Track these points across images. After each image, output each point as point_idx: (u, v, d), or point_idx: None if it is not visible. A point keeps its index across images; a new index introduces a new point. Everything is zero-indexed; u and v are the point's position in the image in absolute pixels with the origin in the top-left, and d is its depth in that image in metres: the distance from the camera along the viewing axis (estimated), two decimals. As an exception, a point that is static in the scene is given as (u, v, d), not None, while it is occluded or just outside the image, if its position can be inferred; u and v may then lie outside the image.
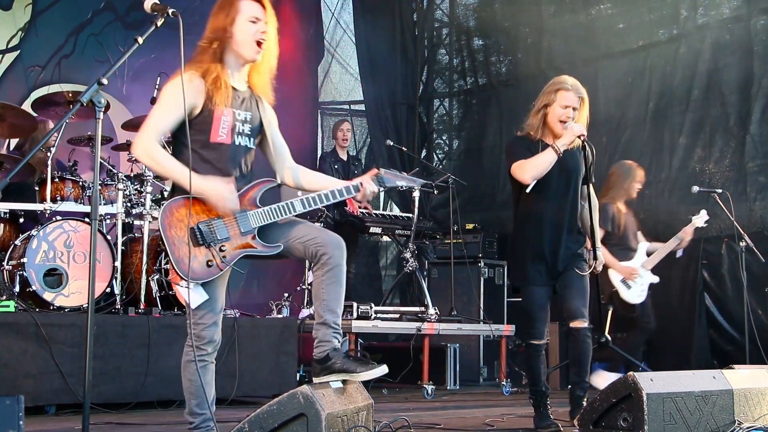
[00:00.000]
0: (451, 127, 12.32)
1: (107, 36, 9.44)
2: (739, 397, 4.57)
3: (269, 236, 3.91)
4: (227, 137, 3.89)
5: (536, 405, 5.27)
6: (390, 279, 11.75)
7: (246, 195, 3.92)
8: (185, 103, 3.71)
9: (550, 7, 10.79)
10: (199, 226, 3.76)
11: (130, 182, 7.00)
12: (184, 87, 3.70)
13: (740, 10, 9.09)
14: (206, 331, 3.90)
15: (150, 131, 3.78)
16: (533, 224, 5.15)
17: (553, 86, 5.12)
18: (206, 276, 3.77)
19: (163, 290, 6.74)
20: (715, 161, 9.06)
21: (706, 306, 8.89)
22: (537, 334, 5.21)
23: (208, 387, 3.95)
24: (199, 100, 3.80)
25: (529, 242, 5.17)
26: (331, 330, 3.89)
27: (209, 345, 3.92)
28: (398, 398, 7.51)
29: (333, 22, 12.38)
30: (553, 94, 5.09)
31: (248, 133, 3.98)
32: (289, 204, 3.92)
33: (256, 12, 3.91)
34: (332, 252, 3.85)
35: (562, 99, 5.06)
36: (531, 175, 4.99)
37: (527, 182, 5.00)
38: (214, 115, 3.84)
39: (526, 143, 5.13)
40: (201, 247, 3.76)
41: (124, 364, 5.97)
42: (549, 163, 4.98)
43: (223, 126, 3.86)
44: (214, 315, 3.91)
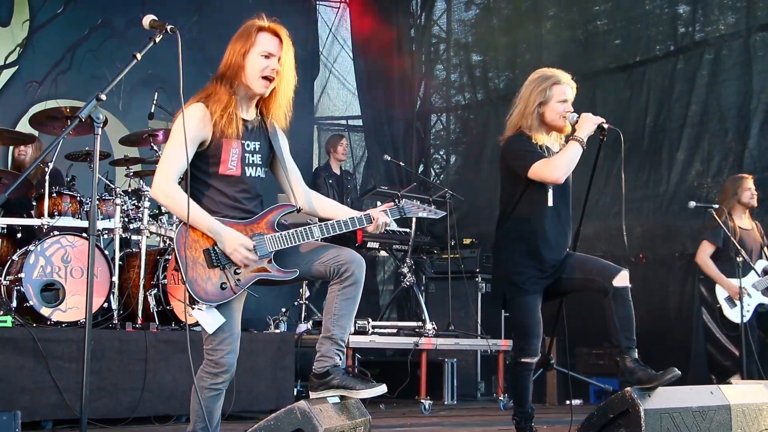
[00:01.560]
0: (448, 142, 12.35)
1: (104, 52, 9.47)
2: (737, 413, 4.56)
3: (285, 261, 3.90)
4: (237, 169, 3.87)
5: (521, 428, 4.95)
6: (387, 294, 11.74)
7: (264, 219, 3.91)
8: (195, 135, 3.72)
9: (547, 23, 10.84)
10: (214, 248, 3.76)
11: (128, 197, 7.01)
12: (194, 121, 3.71)
13: (738, 26, 9.14)
14: (225, 358, 3.83)
15: (166, 172, 3.73)
16: (532, 226, 4.85)
17: (544, 82, 4.85)
18: (220, 298, 3.75)
19: (161, 305, 6.73)
20: (713, 176, 9.09)
21: (704, 321, 8.89)
22: (532, 351, 4.87)
23: (217, 412, 3.94)
24: (207, 133, 3.79)
25: (527, 246, 4.84)
26: (336, 347, 3.88)
27: (226, 374, 3.86)
28: (396, 413, 7.50)
29: (330, 38, 12.43)
30: (548, 90, 4.82)
31: (259, 163, 3.96)
32: (307, 230, 3.89)
33: (270, 47, 3.91)
34: (354, 269, 3.85)
35: (559, 94, 4.83)
36: (563, 173, 4.72)
37: (560, 181, 4.73)
38: (223, 147, 3.82)
39: (529, 139, 4.85)
40: (215, 269, 3.75)
41: (121, 380, 5.96)
42: (577, 158, 4.74)
43: (232, 158, 3.84)
44: (232, 341, 3.85)
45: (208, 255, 3.75)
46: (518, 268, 4.86)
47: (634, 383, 4.40)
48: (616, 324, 4.62)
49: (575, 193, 5.04)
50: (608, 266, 4.76)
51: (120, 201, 6.80)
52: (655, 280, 9.21)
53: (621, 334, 4.62)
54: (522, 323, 4.89)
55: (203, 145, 3.80)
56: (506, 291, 4.88)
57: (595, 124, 4.76)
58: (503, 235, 4.97)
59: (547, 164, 4.72)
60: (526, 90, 4.93)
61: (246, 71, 3.87)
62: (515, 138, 4.91)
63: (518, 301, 4.86)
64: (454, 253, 9.23)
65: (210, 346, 3.83)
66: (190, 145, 3.71)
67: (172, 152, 3.72)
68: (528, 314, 4.85)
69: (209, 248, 3.75)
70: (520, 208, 4.89)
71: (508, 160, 4.91)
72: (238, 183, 3.88)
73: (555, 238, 4.89)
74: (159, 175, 3.74)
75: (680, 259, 9.12)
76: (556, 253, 4.88)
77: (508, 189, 4.96)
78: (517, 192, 4.88)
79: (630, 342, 4.60)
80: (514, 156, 4.87)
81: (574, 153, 4.72)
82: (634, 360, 4.55)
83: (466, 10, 12.06)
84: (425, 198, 8.77)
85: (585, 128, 4.75)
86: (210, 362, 3.85)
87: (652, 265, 9.29)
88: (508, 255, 4.92)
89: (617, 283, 4.64)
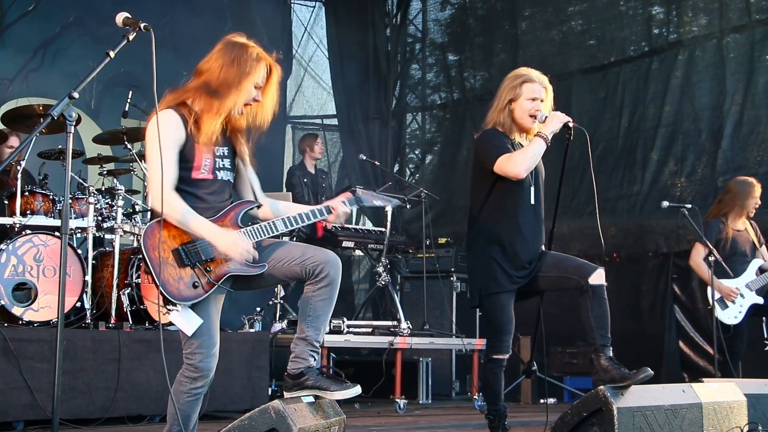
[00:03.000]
0: (423, 141, 12.37)
1: (76, 50, 9.38)
2: (708, 411, 4.59)
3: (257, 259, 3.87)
4: (209, 173, 3.86)
5: (495, 426, 4.93)
6: (362, 293, 11.74)
7: (227, 216, 3.90)
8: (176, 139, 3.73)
9: (522, 23, 10.88)
10: (183, 247, 3.74)
11: (101, 196, 6.97)
12: (169, 128, 3.70)
13: (711, 28, 9.22)
14: (204, 362, 3.80)
15: (157, 181, 3.66)
16: (504, 223, 4.84)
17: (515, 80, 4.88)
18: (193, 297, 3.72)
19: (134, 304, 6.69)
20: (687, 176, 9.17)
21: (677, 319, 8.98)
22: (504, 348, 4.86)
23: (194, 415, 3.93)
24: (182, 139, 3.78)
25: (502, 244, 4.82)
26: (310, 348, 3.87)
27: (205, 379, 3.83)
28: (370, 413, 7.50)
29: (305, 37, 12.40)
30: (518, 87, 4.84)
31: (228, 167, 3.97)
32: (271, 224, 3.90)
33: (261, 80, 3.91)
34: (329, 269, 3.83)
35: (529, 92, 4.83)
36: (525, 168, 4.70)
37: (521, 176, 4.72)
38: (196, 152, 3.81)
39: (503, 135, 4.87)
40: (186, 268, 3.72)
41: (94, 380, 5.92)
42: (540, 154, 4.75)
43: (205, 163, 3.83)
44: (211, 345, 3.82)
45: (177, 255, 3.72)
46: (492, 265, 4.84)
47: (608, 382, 4.42)
48: (591, 322, 4.64)
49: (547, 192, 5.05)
50: (584, 264, 4.77)
51: (93, 200, 6.75)
52: (629, 278, 9.28)
53: (596, 332, 4.63)
54: (494, 321, 4.88)
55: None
56: (480, 288, 4.87)
57: (561, 122, 4.77)
58: (477, 233, 4.95)
59: (510, 159, 4.73)
60: (500, 89, 4.96)
61: (238, 97, 3.84)
62: (488, 132, 4.93)
63: (492, 299, 4.85)
64: (429, 253, 9.24)
65: (189, 350, 3.80)
66: (172, 148, 3.72)
67: (155, 161, 3.65)
68: (501, 312, 4.84)
69: (178, 248, 3.73)
70: (496, 205, 4.88)
71: (480, 154, 4.92)
72: (210, 187, 3.88)
73: (531, 236, 4.89)
74: (152, 186, 3.71)
75: (654, 258, 9.19)
76: (532, 251, 4.88)
77: (480, 185, 4.95)
78: (488, 188, 4.88)
79: (605, 340, 4.62)
80: (483, 149, 4.89)
81: (536, 149, 4.74)
82: (609, 358, 4.57)
83: (442, 9, 12.07)
84: (400, 197, 8.77)
85: (550, 125, 4.76)
86: (189, 366, 3.81)
87: (625, 264, 9.36)
88: (482, 252, 4.91)
89: (593, 281, 4.65)
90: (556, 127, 4.77)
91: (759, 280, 7.27)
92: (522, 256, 4.84)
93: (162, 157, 3.62)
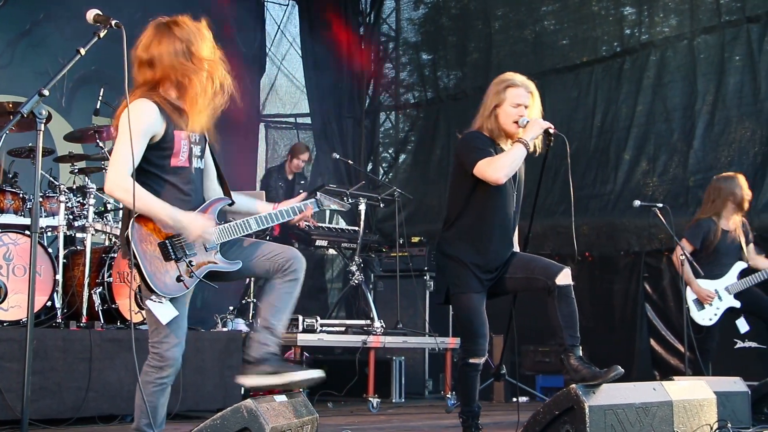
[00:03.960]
0: (397, 140, 12.38)
1: (47, 47, 9.30)
2: (679, 409, 4.63)
3: (228, 254, 3.97)
4: (186, 161, 3.89)
5: (468, 426, 4.93)
6: (336, 292, 11.73)
7: (206, 212, 3.95)
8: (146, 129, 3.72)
9: (496, 22, 10.92)
10: (170, 241, 3.79)
11: (73, 194, 6.92)
12: (147, 115, 3.71)
13: (682, 29, 9.30)
14: (170, 351, 3.85)
15: (121, 167, 3.67)
16: (481, 226, 4.83)
17: (500, 85, 4.87)
18: (177, 291, 3.80)
19: (106, 303, 6.65)
20: (659, 175, 9.24)
21: (648, 317, 9.04)
22: (480, 352, 4.84)
23: (162, 408, 3.94)
24: (160, 128, 3.78)
25: (474, 245, 4.82)
26: (273, 337, 3.93)
27: (171, 368, 3.87)
28: (343, 411, 7.49)
29: (279, 35, 12.37)
30: (502, 92, 4.83)
31: (199, 155, 4.00)
32: (245, 222, 4.01)
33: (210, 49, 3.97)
34: (297, 265, 3.94)
35: (513, 97, 4.82)
36: (505, 174, 4.67)
37: (500, 182, 4.68)
38: (175, 139, 3.83)
39: (488, 140, 4.85)
40: (171, 262, 3.79)
41: (64, 379, 5.87)
42: (521, 159, 4.74)
43: (183, 150, 3.86)
44: (180, 334, 3.88)
45: (164, 248, 3.78)
46: (462, 266, 4.84)
47: (579, 381, 4.44)
48: (560, 322, 4.65)
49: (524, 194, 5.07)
50: (551, 265, 4.78)
51: (64, 198, 6.71)
52: (601, 277, 9.34)
53: (565, 332, 4.64)
54: (468, 324, 4.86)
55: (153, 138, 3.78)
56: (449, 287, 4.87)
57: (541, 128, 4.76)
58: (452, 233, 4.93)
59: (490, 164, 4.70)
60: (486, 94, 4.94)
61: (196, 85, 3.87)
62: (471, 134, 4.90)
63: (464, 302, 4.85)
64: (402, 252, 9.25)
65: (156, 339, 3.85)
66: (142, 138, 3.71)
67: (124, 147, 3.65)
68: (474, 314, 4.83)
69: (164, 242, 3.78)
70: (475, 208, 4.86)
71: (461, 156, 4.89)
72: (187, 175, 3.90)
73: (505, 239, 4.91)
74: (113, 170, 3.69)
75: (625, 257, 9.25)
76: (503, 253, 4.89)
77: (460, 186, 4.93)
78: (468, 190, 4.86)
79: (574, 340, 4.64)
80: (465, 151, 4.85)
81: (517, 154, 4.72)
82: (578, 358, 4.59)
83: (415, 9, 12.09)
84: (374, 196, 8.78)
85: (531, 131, 4.75)
86: (155, 356, 3.85)
87: (597, 263, 9.42)
88: (453, 252, 4.89)
89: (560, 281, 4.66)
90: (536, 133, 4.76)
91: (739, 284, 7.22)
92: (492, 260, 4.85)
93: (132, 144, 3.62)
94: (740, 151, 8.78)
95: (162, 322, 3.79)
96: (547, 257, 4.94)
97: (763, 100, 8.67)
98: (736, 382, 5.65)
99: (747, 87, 8.80)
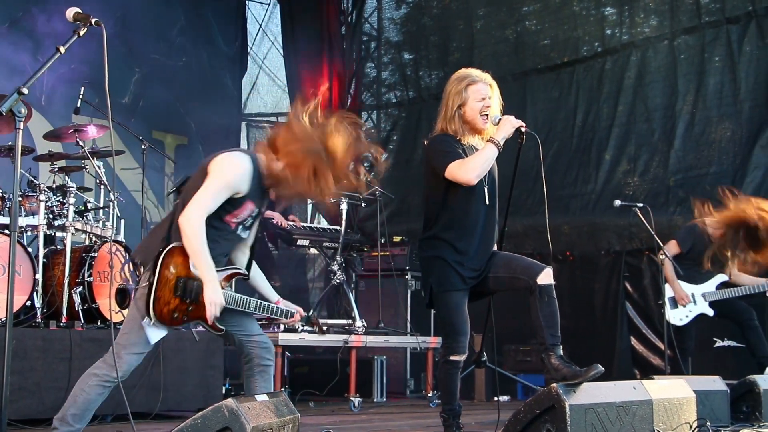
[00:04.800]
0: (379, 140, 12.36)
1: (26, 45, 9.24)
2: (658, 407, 4.65)
3: (223, 314, 4.14)
4: (234, 225, 4.14)
5: (449, 424, 4.94)
6: (317, 291, 11.72)
7: (229, 275, 4.22)
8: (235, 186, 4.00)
9: (477, 22, 10.93)
10: (186, 280, 3.99)
11: (53, 193, 6.87)
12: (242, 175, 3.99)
13: (663, 29, 9.35)
14: (132, 356, 4.02)
15: (203, 209, 3.94)
16: (459, 227, 4.84)
17: (460, 84, 4.88)
18: (168, 324, 4.02)
19: (86, 303, 6.62)
20: (640, 175, 9.28)
21: (629, 316, 9.08)
22: (460, 349, 4.85)
23: (92, 408, 4.07)
24: (244, 188, 4.03)
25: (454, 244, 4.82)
26: None
27: (122, 371, 4.01)
28: (325, 411, 7.49)
29: (260, 34, 12.35)
30: (464, 91, 4.84)
31: (248, 227, 4.25)
32: (248, 300, 4.24)
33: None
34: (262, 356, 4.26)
35: (475, 93, 4.84)
36: (477, 175, 4.69)
37: (472, 182, 4.71)
38: (243, 205, 4.08)
39: (454, 140, 4.85)
40: (177, 299, 3.99)
41: (44, 379, 5.84)
42: (492, 159, 4.76)
43: (241, 215, 4.12)
44: (146, 348, 4.07)
45: (178, 283, 3.98)
46: (444, 265, 4.84)
47: (559, 380, 4.45)
48: (541, 321, 4.66)
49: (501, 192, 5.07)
50: (533, 264, 4.79)
51: (44, 197, 6.66)
52: (582, 276, 9.37)
53: (546, 331, 4.65)
54: (450, 321, 4.87)
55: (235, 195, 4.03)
56: (431, 286, 4.87)
57: (513, 127, 4.78)
58: (431, 234, 4.93)
59: (462, 165, 4.72)
60: (444, 95, 4.95)
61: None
62: (437, 138, 4.91)
63: (444, 297, 4.86)
64: (384, 251, 9.24)
65: (123, 342, 4.01)
66: (230, 190, 3.98)
67: (213, 193, 3.95)
68: (456, 312, 4.84)
69: (183, 278, 3.98)
70: (450, 208, 4.87)
71: (431, 161, 4.91)
72: (228, 235, 4.15)
73: (484, 239, 4.90)
74: (196, 208, 3.93)
75: (606, 257, 9.30)
76: (483, 253, 4.89)
77: (434, 190, 4.94)
78: (443, 192, 4.86)
79: (555, 339, 4.65)
80: (434, 156, 4.88)
81: (489, 154, 4.74)
82: (559, 357, 4.60)
83: (397, 8, 12.09)
84: (355, 195, 8.76)
85: (503, 131, 4.77)
86: (117, 357, 3.99)
87: (578, 262, 9.45)
88: (435, 253, 4.90)
89: (541, 281, 4.67)
90: (508, 132, 4.78)
91: (715, 293, 7.31)
92: (474, 258, 4.85)
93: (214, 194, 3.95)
94: (720, 151, 8.84)
95: (150, 342, 3.99)
96: (529, 257, 4.95)
97: (742, 101, 8.73)
98: (715, 380, 5.68)
99: (727, 87, 8.86)
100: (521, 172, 5.01)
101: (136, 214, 7.95)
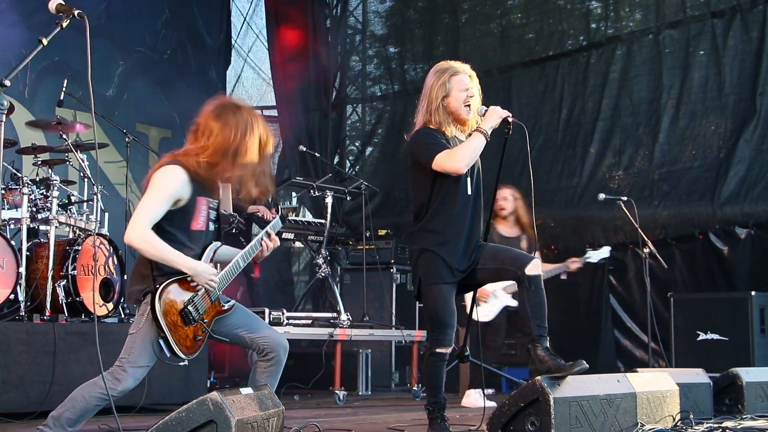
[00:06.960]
0: (364, 133, 12.37)
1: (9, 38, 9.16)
2: (642, 400, 4.68)
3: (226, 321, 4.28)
4: (203, 225, 4.20)
5: (434, 417, 4.92)
6: (302, 285, 11.72)
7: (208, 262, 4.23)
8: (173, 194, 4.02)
9: (462, 15, 10.94)
10: (187, 308, 4.06)
11: (36, 186, 6.83)
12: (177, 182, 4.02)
13: (648, 23, 9.39)
14: (137, 370, 4.08)
15: (144, 220, 3.97)
16: (447, 219, 4.83)
17: (443, 76, 4.91)
18: (197, 349, 4.15)
19: (70, 297, 6.58)
20: (625, 168, 9.32)
21: (613, 309, 9.12)
22: (447, 342, 4.83)
23: (87, 417, 4.14)
24: (186, 193, 4.06)
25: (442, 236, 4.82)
26: None
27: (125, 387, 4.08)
28: (310, 404, 7.49)
29: (245, 27, 12.32)
30: (447, 83, 4.88)
31: (214, 219, 4.29)
32: (236, 263, 4.29)
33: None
34: (279, 352, 4.27)
35: (459, 84, 4.87)
36: (466, 164, 4.70)
37: (461, 171, 4.72)
38: (197, 206, 4.12)
39: (437, 132, 4.86)
40: (190, 326, 4.08)
41: (28, 373, 5.81)
42: (480, 148, 4.76)
43: (202, 215, 4.17)
44: (152, 362, 4.13)
45: (184, 315, 4.05)
46: (433, 257, 4.83)
47: (544, 372, 4.47)
48: (528, 312, 4.68)
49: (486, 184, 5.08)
50: (520, 255, 4.82)
51: (27, 190, 6.62)
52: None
53: (533, 322, 4.66)
54: (436, 314, 4.86)
55: (178, 204, 4.06)
56: (420, 278, 4.87)
57: (500, 117, 4.79)
58: (419, 227, 4.93)
59: (450, 155, 4.73)
60: (426, 88, 4.98)
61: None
62: (420, 131, 4.92)
63: (432, 290, 4.84)
64: (369, 245, 9.24)
65: (128, 358, 4.05)
66: (167, 202, 4.01)
67: (153, 204, 4.01)
68: (443, 305, 4.82)
69: (183, 309, 4.04)
70: (437, 201, 4.86)
71: (416, 155, 4.91)
72: (202, 237, 4.20)
73: (471, 229, 4.90)
74: (138, 222, 3.97)
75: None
76: (471, 244, 4.89)
77: (420, 184, 4.93)
78: (429, 185, 4.86)
79: (541, 330, 4.66)
80: (419, 149, 4.88)
81: (477, 144, 4.75)
82: (545, 349, 4.62)
83: (382, 1, 12.08)
84: (340, 189, 8.76)
85: (490, 120, 4.79)
86: (119, 369, 4.05)
87: (563, 256, 9.46)
88: (423, 245, 4.89)
89: (529, 271, 4.68)
90: (495, 122, 4.79)
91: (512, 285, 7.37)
92: (463, 250, 4.85)
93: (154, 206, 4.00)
94: (705, 145, 8.88)
95: (164, 358, 4.09)
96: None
97: (727, 95, 8.77)
98: (698, 373, 5.71)
99: (712, 81, 8.90)
100: (506, 165, 5.00)
101: (120, 207, 7.90)
